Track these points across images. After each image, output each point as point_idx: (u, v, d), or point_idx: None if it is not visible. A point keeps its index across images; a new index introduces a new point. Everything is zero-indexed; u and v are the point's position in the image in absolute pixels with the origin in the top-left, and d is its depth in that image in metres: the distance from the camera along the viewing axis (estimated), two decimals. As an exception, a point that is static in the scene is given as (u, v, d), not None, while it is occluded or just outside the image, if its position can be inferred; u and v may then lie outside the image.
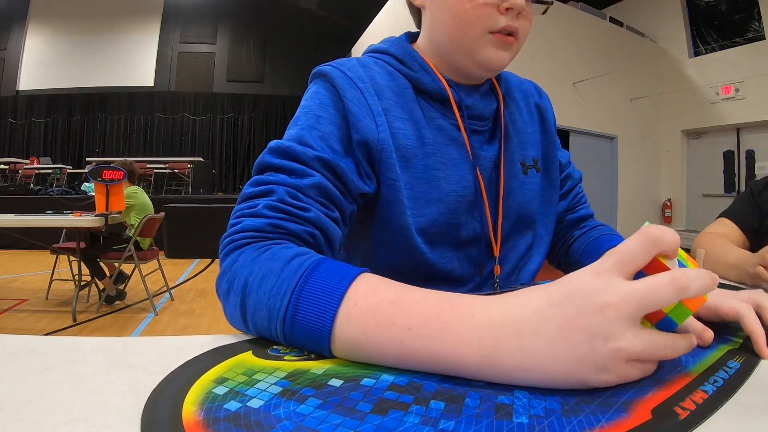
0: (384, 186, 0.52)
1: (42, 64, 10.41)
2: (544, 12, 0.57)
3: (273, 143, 0.49)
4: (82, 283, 3.16)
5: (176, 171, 9.03)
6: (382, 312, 0.32)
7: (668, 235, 0.29)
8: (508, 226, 0.63)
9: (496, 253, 0.61)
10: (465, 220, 0.57)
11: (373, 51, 0.61)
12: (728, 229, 0.94)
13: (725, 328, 0.41)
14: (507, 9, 0.52)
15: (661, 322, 0.30)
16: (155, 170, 9.03)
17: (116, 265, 3.16)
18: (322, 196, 0.47)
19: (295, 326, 0.34)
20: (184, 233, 5.57)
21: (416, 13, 0.62)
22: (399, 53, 0.59)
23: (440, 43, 0.57)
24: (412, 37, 0.63)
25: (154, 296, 3.31)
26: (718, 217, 0.99)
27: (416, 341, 0.31)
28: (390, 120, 0.53)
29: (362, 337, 0.32)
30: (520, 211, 0.63)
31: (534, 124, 0.68)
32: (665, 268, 0.29)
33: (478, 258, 0.60)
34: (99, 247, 3.14)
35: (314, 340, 0.33)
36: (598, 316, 0.27)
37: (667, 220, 8.21)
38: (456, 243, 0.58)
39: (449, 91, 0.57)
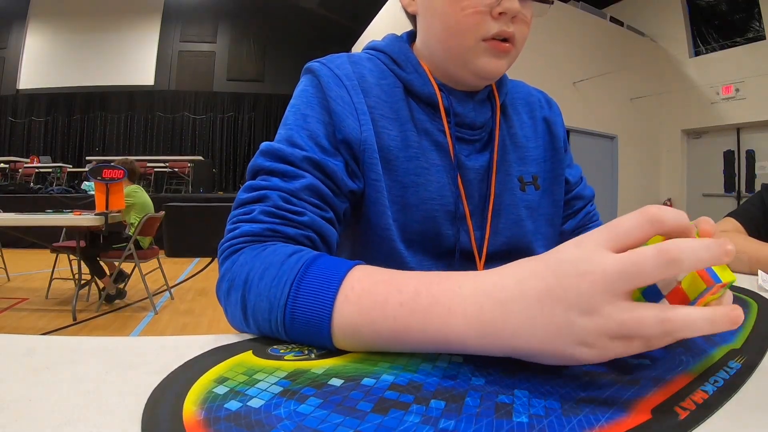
0: (367, 185, 0.52)
1: (42, 62, 10.41)
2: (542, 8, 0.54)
3: (264, 145, 0.49)
4: (82, 281, 3.16)
5: (176, 170, 9.03)
6: (376, 292, 0.33)
7: (670, 217, 0.26)
8: (499, 243, 0.59)
9: (480, 268, 0.58)
10: (446, 230, 0.55)
11: (370, 48, 0.61)
12: (733, 226, 0.94)
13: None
14: (500, 14, 0.49)
15: (648, 289, 0.27)
16: (155, 169, 9.03)
17: (116, 264, 3.16)
18: (316, 197, 0.47)
19: (295, 316, 0.34)
20: (184, 232, 5.58)
21: (412, 18, 0.60)
22: (395, 53, 0.58)
23: (434, 51, 0.56)
24: (413, 36, 0.62)
25: (154, 295, 3.31)
26: (725, 216, 0.99)
27: (408, 317, 0.31)
28: (375, 118, 0.52)
29: (359, 318, 0.33)
30: (513, 228, 0.60)
31: (538, 138, 0.65)
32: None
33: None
34: (99, 246, 3.14)
35: (315, 329, 0.34)
36: (576, 288, 0.26)
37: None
38: (436, 253, 0.56)
39: (439, 96, 0.56)
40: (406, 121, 0.55)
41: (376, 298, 0.33)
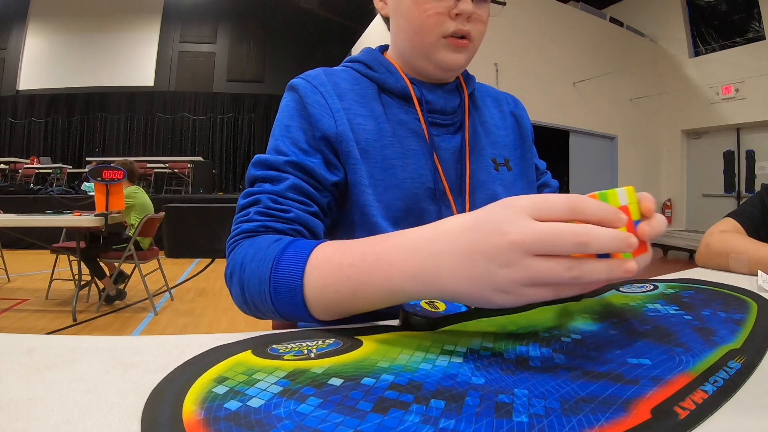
0: (349, 171, 0.58)
1: (42, 63, 10.40)
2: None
3: (255, 157, 0.57)
4: (82, 282, 3.16)
5: (176, 171, 9.03)
6: (333, 259, 0.40)
7: (590, 212, 0.31)
8: None
9: None
10: (428, 206, 0.60)
11: (347, 61, 0.69)
12: (732, 226, 0.93)
13: (726, 328, 0.41)
14: (457, 15, 0.57)
15: None
16: (155, 170, 9.03)
17: (116, 264, 3.16)
18: (300, 194, 0.54)
19: (277, 287, 0.42)
20: (184, 233, 5.57)
21: (386, 20, 0.67)
22: (367, 60, 0.66)
23: (403, 49, 0.64)
24: (385, 48, 0.70)
25: (154, 296, 3.31)
26: (725, 217, 0.99)
27: (358, 275, 0.38)
28: (350, 117, 0.59)
29: (322, 282, 0.40)
30: (491, 202, 0.64)
31: (508, 128, 0.72)
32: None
33: None
34: (99, 247, 3.14)
35: (291, 297, 0.41)
36: (498, 244, 0.31)
37: (667, 220, 8.20)
38: None
39: (411, 87, 0.63)
40: (380, 116, 0.61)
41: (333, 263, 0.40)
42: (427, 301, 0.45)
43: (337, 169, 0.58)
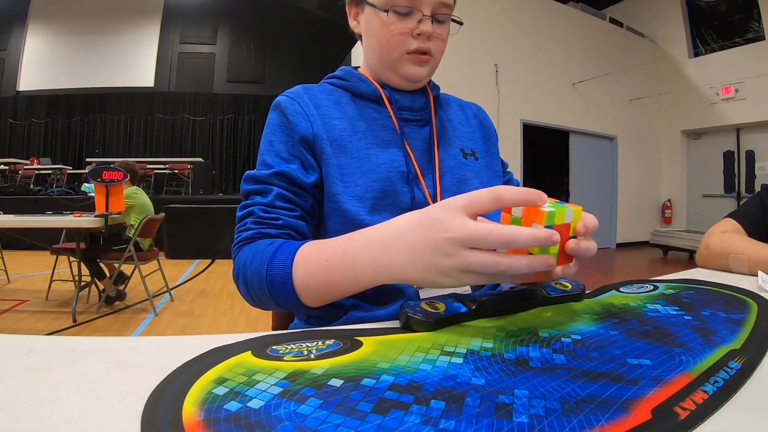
0: (323, 167, 0.64)
1: (42, 64, 10.41)
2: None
3: (246, 173, 0.64)
4: (82, 283, 3.16)
5: (176, 171, 9.02)
6: (313, 255, 0.50)
7: (509, 199, 0.38)
8: (449, 197, 0.67)
9: None
10: (402, 188, 0.65)
11: (326, 78, 0.76)
12: (732, 227, 0.93)
13: (727, 328, 0.41)
14: (418, 35, 0.65)
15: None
16: (155, 171, 9.03)
17: (116, 265, 3.16)
18: (285, 202, 0.62)
19: (272, 282, 0.51)
20: (184, 234, 5.58)
21: (359, 37, 0.75)
22: (343, 74, 0.74)
23: (373, 63, 0.72)
24: (357, 67, 0.78)
25: (154, 297, 3.31)
26: (725, 217, 0.99)
27: (332, 268, 0.48)
28: (326, 120, 0.66)
29: (304, 275, 0.50)
30: (461, 185, 0.70)
31: (471, 126, 0.79)
32: (535, 215, 0.38)
33: None
34: (99, 248, 3.14)
35: (284, 289, 0.51)
36: (440, 240, 0.39)
37: (667, 221, 8.21)
38: (398, 209, 0.65)
39: (381, 89, 0.70)
40: (353, 116, 0.68)
41: (313, 259, 0.50)
42: (427, 301, 0.45)
43: (314, 169, 0.64)
